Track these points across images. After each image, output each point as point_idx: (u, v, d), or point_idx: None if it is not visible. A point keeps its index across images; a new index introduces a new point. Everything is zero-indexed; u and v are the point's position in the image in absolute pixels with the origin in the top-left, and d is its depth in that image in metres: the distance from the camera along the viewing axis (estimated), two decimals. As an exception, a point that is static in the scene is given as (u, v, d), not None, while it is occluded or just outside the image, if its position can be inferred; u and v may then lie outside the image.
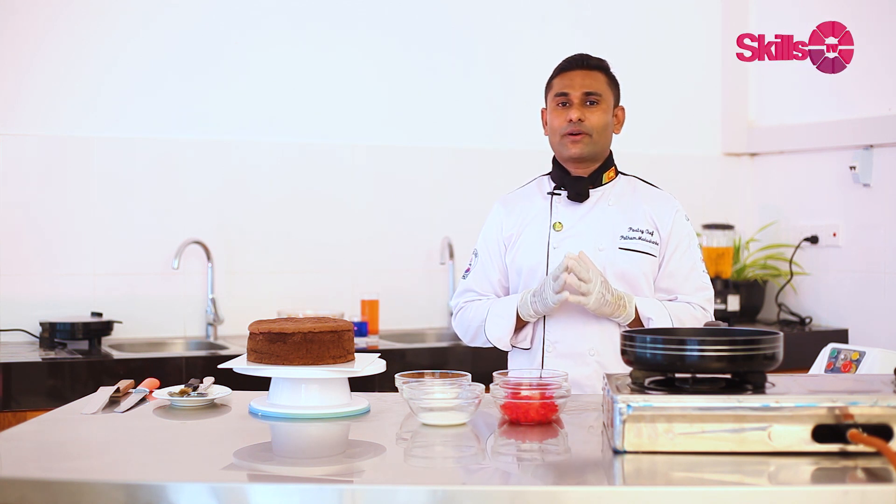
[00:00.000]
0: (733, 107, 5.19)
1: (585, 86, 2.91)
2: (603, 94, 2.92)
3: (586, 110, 2.91)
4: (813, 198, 4.86)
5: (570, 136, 2.91)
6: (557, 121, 2.93)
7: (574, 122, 2.89)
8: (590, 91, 2.91)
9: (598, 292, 2.77)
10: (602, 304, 2.78)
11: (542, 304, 2.83)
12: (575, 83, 2.92)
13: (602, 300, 2.78)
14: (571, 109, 2.91)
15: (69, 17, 4.24)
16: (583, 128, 2.90)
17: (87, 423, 2.37)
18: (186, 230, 4.35)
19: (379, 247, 4.66)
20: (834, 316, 4.75)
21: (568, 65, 2.96)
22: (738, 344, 2.08)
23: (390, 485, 1.89)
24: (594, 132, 2.91)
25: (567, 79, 2.93)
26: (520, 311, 2.89)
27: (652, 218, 2.95)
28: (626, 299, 2.83)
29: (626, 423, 1.98)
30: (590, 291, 2.76)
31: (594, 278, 2.77)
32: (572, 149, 2.91)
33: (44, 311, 4.13)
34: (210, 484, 1.86)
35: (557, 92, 2.93)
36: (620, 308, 2.82)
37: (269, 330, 2.43)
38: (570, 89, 2.91)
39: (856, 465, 1.92)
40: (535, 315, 2.88)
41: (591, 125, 2.90)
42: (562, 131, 2.92)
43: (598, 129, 2.91)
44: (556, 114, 2.94)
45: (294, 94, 4.56)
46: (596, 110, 2.91)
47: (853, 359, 2.84)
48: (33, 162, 4.20)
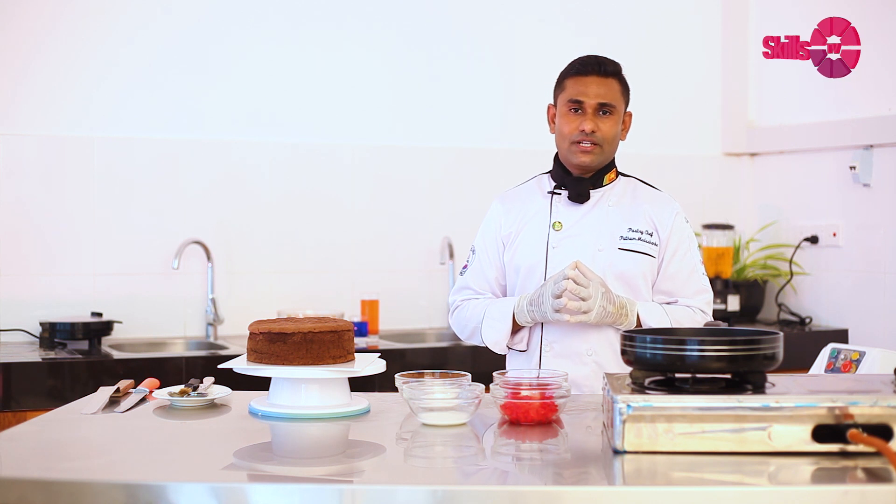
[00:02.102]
0: (733, 107, 5.19)
1: (601, 95, 2.87)
2: (616, 104, 2.89)
3: (599, 120, 2.88)
4: (813, 198, 4.86)
5: (580, 146, 2.89)
6: (568, 127, 2.90)
7: (587, 132, 2.87)
8: (605, 102, 2.87)
9: (598, 307, 2.76)
10: (603, 316, 2.79)
11: (541, 316, 2.83)
12: (590, 91, 2.87)
13: (603, 313, 2.78)
14: (585, 119, 2.87)
15: (69, 17, 4.24)
16: (595, 138, 2.88)
17: (87, 423, 2.37)
18: (186, 230, 4.35)
19: (379, 247, 4.66)
20: (834, 316, 4.75)
21: (583, 68, 2.90)
22: (738, 344, 2.08)
23: (390, 485, 1.89)
24: (605, 143, 2.89)
25: (582, 84, 2.89)
26: (516, 316, 2.89)
27: (652, 219, 2.95)
28: (627, 307, 2.83)
29: (626, 423, 1.98)
30: (590, 309, 2.76)
31: (594, 293, 2.76)
32: (582, 158, 2.90)
33: (44, 311, 4.13)
34: (210, 484, 1.86)
35: (571, 98, 2.89)
36: (622, 316, 2.82)
37: (269, 330, 2.43)
38: (584, 97, 2.87)
39: (856, 465, 1.92)
40: (531, 322, 2.88)
41: (603, 136, 2.88)
42: (572, 139, 2.89)
43: (609, 140, 2.90)
44: (568, 119, 2.90)
45: (294, 94, 4.56)
46: (608, 120, 2.89)
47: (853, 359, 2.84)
48: (33, 162, 4.20)
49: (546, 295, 2.78)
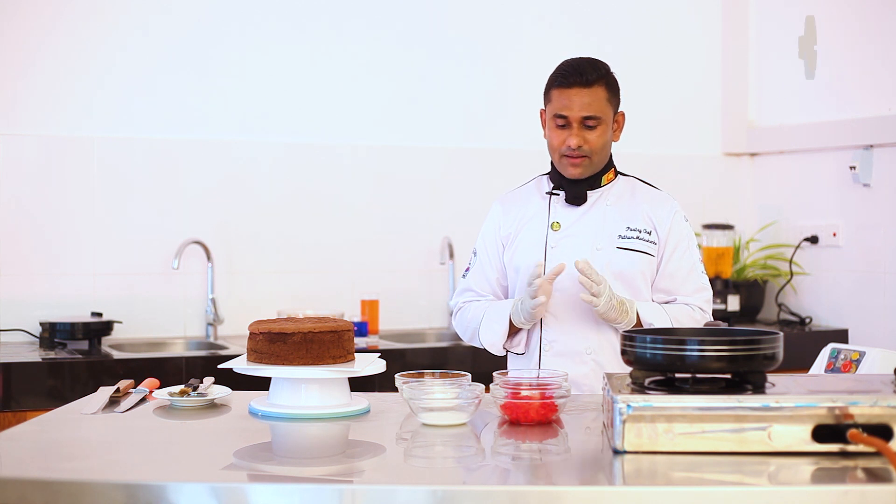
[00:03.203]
0: (733, 107, 5.19)
1: (585, 107, 2.85)
2: (602, 114, 2.87)
3: (585, 133, 2.87)
4: (813, 198, 4.86)
5: (569, 159, 2.89)
6: (556, 140, 2.90)
7: (573, 147, 2.86)
8: (589, 115, 2.85)
9: (607, 295, 2.78)
10: (610, 307, 2.79)
11: (526, 313, 2.83)
12: (573, 104, 2.85)
13: (610, 304, 2.79)
14: (570, 134, 2.86)
15: (69, 17, 4.24)
16: (582, 152, 2.87)
17: (87, 423, 2.37)
18: (186, 230, 4.35)
19: (379, 247, 4.66)
20: (834, 316, 4.75)
21: (565, 80, 2.87)
22: (738, 344, 2.08)
23: (390, 485, 1.89)
24: (593, 154, 2.89)
25: (566, 98, 2.86)
26: (512, 317, 2.89)
27: (650, 218, 2.95)
28: (628, 305, 2.83)
29: (626, 423, 1.99)
30: (601, 293, 2.77)
31: (603, 281, 2.78)
32: (572, 171, 2.91)
33: (44, 311, 4.13)
34: (210, 484, 1.86)
35: (556, 112, 2.88)
36: (623, 314, 2.82)
37: (269, 330, 2.43)
38: (568, 111, 2.85)
39: (856, 465, 1.92)
40: (526, 323, 2.88)
41: (591, 148, 2.88)
42: (561, 152, 2.90)
43: (597, 150, 2.89)
44: (555, 133, 2.90)
45: (294, 94, 4.56)
46: (595, 132, 2.87)
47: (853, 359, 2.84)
48: (33, 162, 4.20)
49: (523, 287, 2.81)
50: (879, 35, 4.49)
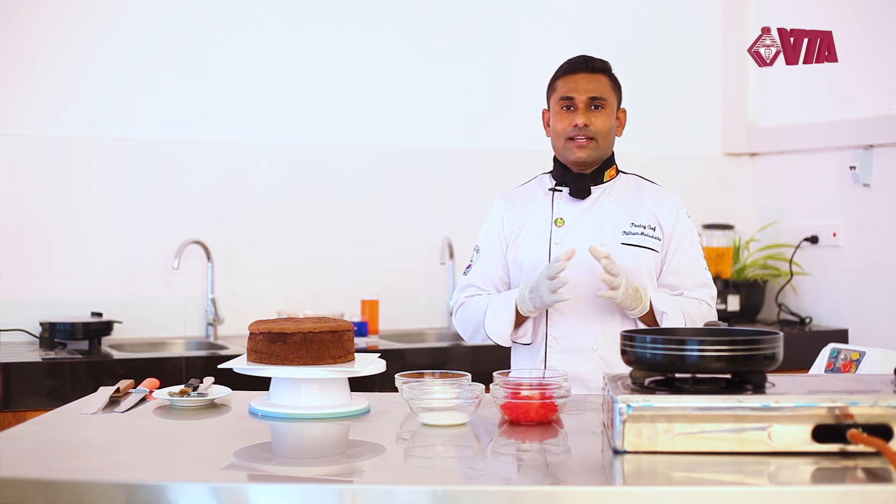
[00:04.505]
0: (733, 107, 5.19)
1: (590, 90, 2.91)
2: (607, 98, 2.93)
3: (591, 115, 2.91)
4: (813, 198, 4.86)
5: (575, 141, 2.91)
6: (562, 124, 2.93)
7: (580, 127, 2.89)
8: (595, 95, 2.91)
9: (625, 286, 2.79)
10: (626, 296, 2.80)
11: (539, 302, 2.83)
12: (580, 87, 2.91)
13: (627, 294, 2.80)
14: (577, 114, 2.91)
15: (70, 17, 4.25)
16: (588, 132, 2.90)
17: (87, 423, 2.37)
18: (186, 230, 4.35)
19: (379, 247, 4.66)
20: (834, 316, 4.75)
21: (572, 67, 2.95)
22: (738, 344, 2.08)
23: (390, 485, 1.88)
24: (599, 136, 2.92)
25: (571, 82, 2.93)
26: (519, 306, 2.88)
27: (654, 213, 2.96)
28: (641, 292, 2.84)
29: (626, 423, 1.98)
30: (619, 286, 2.77)
31: (621, 272, 2.79)
32: (578, 153, 2.92)
33: (44, 311, 4.13)
34: (210, 484, 1.86)
35: (562, 95, 2.93)
36: (638, 300, 2.83)
37: (269, 330, 2.43)
38: (574, 93, 2.91)
39: (856, 465, 1.92)
40: (534, 311, 2.88)
41: (597, 129, 2.91)
42: (566, 135, 2.92)
43: (603, 134, 2.92)
44: (561, 117, 2.93)
45: (294, 94, 4.56)
46: (601, 114, 2.92)
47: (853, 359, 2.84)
48: (34, 162, 4.20)
49: (542, 278, 2.80)
50: (879, 35, 4.49)
